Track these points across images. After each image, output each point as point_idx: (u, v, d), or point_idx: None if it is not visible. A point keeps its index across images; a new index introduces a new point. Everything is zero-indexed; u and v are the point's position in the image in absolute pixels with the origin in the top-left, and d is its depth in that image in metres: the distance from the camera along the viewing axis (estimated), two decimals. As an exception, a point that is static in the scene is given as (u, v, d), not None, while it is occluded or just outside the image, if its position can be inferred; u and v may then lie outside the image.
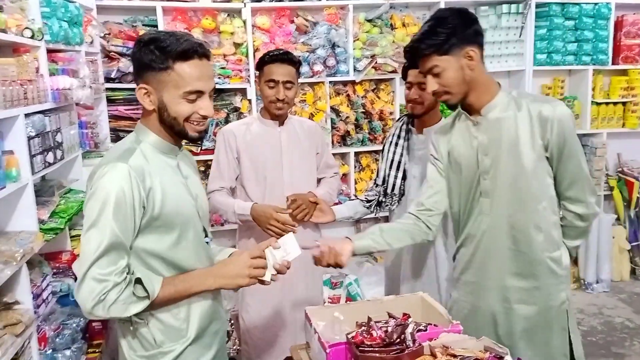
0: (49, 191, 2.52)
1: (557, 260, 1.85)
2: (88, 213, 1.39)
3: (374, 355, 1.36)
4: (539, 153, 1.76)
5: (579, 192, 1.81)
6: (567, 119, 1.75)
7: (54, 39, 2.47)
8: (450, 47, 1.71)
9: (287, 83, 2.34)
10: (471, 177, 1.86)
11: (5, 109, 1.95)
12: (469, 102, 1.81)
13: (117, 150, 1.49)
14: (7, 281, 1.94)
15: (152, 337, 1.49)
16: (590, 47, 4.36)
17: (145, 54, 1.42)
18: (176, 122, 1.47)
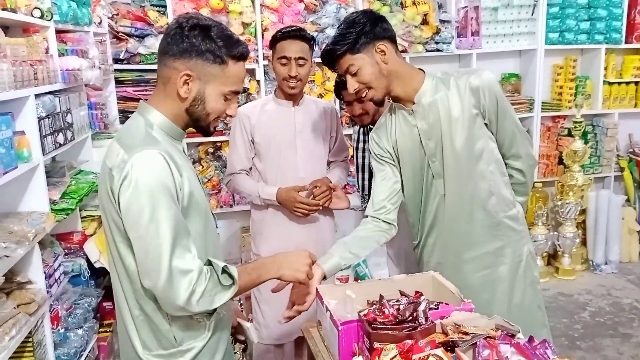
0: (59, 172, 2.53)
1: (514, 218, 1.94)
2: (136, 209, 1.26)
3: (386, 333, 1.36)
4: (476, 122, 1.84)
5: (519, 148, 1.90)
6: (494, 83, 1.84)
7: (62, 19, 2.46)
8: (362, 45, 1.75)
9: (300, 59, 2.31)
10: (420, 164, 1.92)
11: (16, 89, 1.96)
12: (396, 94, 1.86)
13: (136, 135, 1.36)
14: (20, 261, 1.97)
15: (173, 336, 1.39)
16: (603, 25, 4.29)
17: (205, 42, 1.33)
18: (207, 117, 1.41)
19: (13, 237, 1.96)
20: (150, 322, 1.39)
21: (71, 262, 2.52)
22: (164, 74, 1.38)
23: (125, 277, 1.38)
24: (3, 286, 1.93)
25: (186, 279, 1.27)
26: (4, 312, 1.87)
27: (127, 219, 1.28)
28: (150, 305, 1.37)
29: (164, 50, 1.37)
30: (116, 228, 1.34)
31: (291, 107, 2.45)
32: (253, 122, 2.43)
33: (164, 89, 1.39)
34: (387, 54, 1.77)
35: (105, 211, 1.36)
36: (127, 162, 1.27)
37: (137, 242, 1.28)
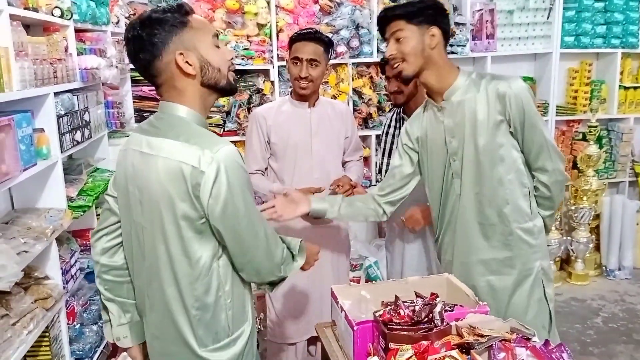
0: (76, 169, 2.56)
1: (528, 231, 1.91)
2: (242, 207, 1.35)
3: (402, 334, 1.37)
4: (500, 129, 1.84)
5: (545, 161, 1.87)
6: (523, 92, 1.82)
7: (82, 19, 2.49)
8: (420, 19, 1.81)
9: (312, 61, 2.33)
10: (442, 161, 1.96)
11: (36, 87, 1.98)
12: (429, 84, 1.90)
13: (193, 130, 1.39)
14: (38, 257, 1.99)
15: (228, 325, 1.45)
16: (619, 29, 4.25)
17: (161, 24, 1.36)
18: (221, 73, 1.43)
19: (32, 233, 1.99)
20: (209, 316, 1.42)
21: (87, 258, 2.55)
22: (167, 77, 1.39)
23: (187, 276, 1.39)
24: (21, 281, 1.95)
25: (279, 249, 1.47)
26: (22, 307, 1.90)
27: (227, 210, 1.33)
28: (212, 297, 1.41)
29: (148, 62, 1.38)
30: (188, 225, 1.35)
31: (307, 108, 2.46)
32: (269, 123, 2.45)
33: (173, 87, 1.41)
34: (435, 41, 1.82)
35: (173, 207, 1.35)
36: (214, 158, 1.30)
37: (240, 229, 1.37)
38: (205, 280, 1.39)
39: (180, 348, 1.44)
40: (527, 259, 1.93)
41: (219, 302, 1.42)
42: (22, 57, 1.90)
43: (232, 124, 3.71)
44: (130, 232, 1.49)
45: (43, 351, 2.07)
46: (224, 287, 1.43)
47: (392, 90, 2.47)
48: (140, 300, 1.55)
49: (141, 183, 1.40)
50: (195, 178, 1.31)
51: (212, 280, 1.40)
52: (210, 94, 1.45)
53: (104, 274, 1.58)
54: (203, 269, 1.39)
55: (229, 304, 1.44)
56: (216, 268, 1.41)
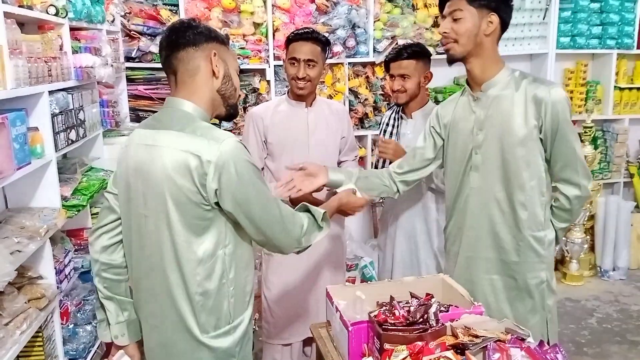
0: (71, 169, 2.55)
1: (540, 240, 1.90)
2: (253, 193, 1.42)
3: (397, 334, 1.37)
4: (531, 134, 1.82)
5: (571, 175, 1.86)
6: (561, 102, 1.79)
7: (77, 17, 2.48)
8: (482, 3, 1.79)
9: (309, 62, 2.33)
10: (465, 151, 1.95)
11: (31, 85, 1.97)
12: (472, 71, 1.88)
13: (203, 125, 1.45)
14: (32, 256, 1.98)
15: (230, 312, 1.50)
16: (615, 30, 4.27)
17: (209, 30, 1.52)
18: (235, 93, 1.57)
19: (25, 233, 1.98)
20: (211, 302, 1.46)
21: (81, 258, 2.54)
22: (192, 67, 1.48)
23: (190, 261, 1.43)
24: (15, 281, 1.93)
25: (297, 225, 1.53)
26: (15, 307, 1.88)
27: (238, 197, 1.39)
28: (214, 283, 1.45)
29: (183, 46, 1.47)
30: (192, 213, 1.41)
31: (304, 108, 2.46)
32: (266, 122, 2.45)
33: (192, 80, 1.49)
34: (491, 28, 1.81)
35: (179, 195, 1.39)
36: (220, 149, 1.37)
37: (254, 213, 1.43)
38: (208, 266, 1.44)
39: (182, 335, 1.48)
40: (533, 267, 1.91)
41: (222, 289, 1.47)
42: (17, 55, 1.88)
43: (228, 123, 3.70)
44: (131, 226, 1.53)
45: (36, 351, 2.06)
46: (227, 274, 1.47)
47: (395, 89, 2.48)
48: (138, 294, 1.58)
49: (145, 174, 1.45)
50: (202, 168, 1.37)
51: (215, 267, 1.45)
52: (219, 104, 1.55)
53: (103, 272, 1.60)
54: (206, 255, 1.43)
55: (231, 291, 1.49)
56: (221, 255, 1.45)
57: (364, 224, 4.36)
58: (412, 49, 2.49)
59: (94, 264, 1.62)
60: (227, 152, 1.37)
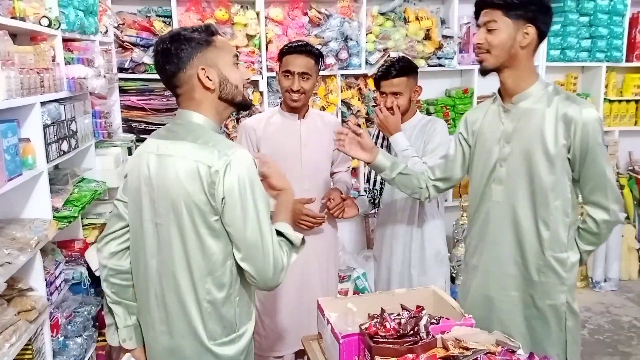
0: (62, 180, 2.54)
1: (561, 261, 1.84)
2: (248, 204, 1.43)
3: (387, 347, 1.37)
4: (560, 153, 1.76)
5: (601, 198, 1.79)
6: (592, 123, 1.73)
7: (70, 28, 2.48)
8: (518, 14, 1.74)
9: (304, 74, 2.34)
10: (488, 162, 1.90)
11: (23, 96, 1.97)
12: (505, 82, 1.83)
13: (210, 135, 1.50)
14: (22, 268, 1.96)
15: (235, 321, 1.54)
16: (604, 43, 4.32)
17: (190, 41, 1.49)
18: (238, 90, 1.56)
19: (15, 244, 1.96)
20: (219, 310, 1.51)
21: (72, 269, 2.52)
22: (187, 88, 1.52)
23: (201, 269, 1.48)
24: (4, 293, 1.92)
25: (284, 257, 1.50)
26: (4, 319, 1.87)
27: (239, 208, 1.42)
28: (223, 293, 1.50)
29: (172, 73, 1.51)
30: (203, 221, 1.45)
31: (297, 119, 2.47)
32: (259, 134, 2.46)
33: (193, 98, 1.53)
34: (527, 40, 1.75)
35: (190, 203, 1.44)
36: (230, 160, 1.41)
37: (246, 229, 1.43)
38: (218, 274, 1.49)
39: (190, 341, 1.52)
40: (554, 289, 1.85)
41: (230, 299, 1.52)
42: (9, 66, 1.88)
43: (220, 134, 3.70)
44: (141, 233, 1.57)
45: (26, 364, 2.05)
46: (235, 284, 1.52)
47: (388, 107, 2.47)
48: (143, 300, 1.62)
49: (157, 182, 1.50)
50: (211, 177, 1.41)
51: (224, 276, 1.50)
52: (226, 107, 1.58)
53: (110, 278, 1.67)
54: (217, 264, 1.48)
55: (237, 301, 1.54)
56: (230, 265, 1.50)
57: (357, 235, 4.37)
58: (399, 64, 2.48)
59: (102, 269, 1.68)
60: (234, 164, 1.42)
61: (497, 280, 1.92)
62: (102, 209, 2.84)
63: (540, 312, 1.88)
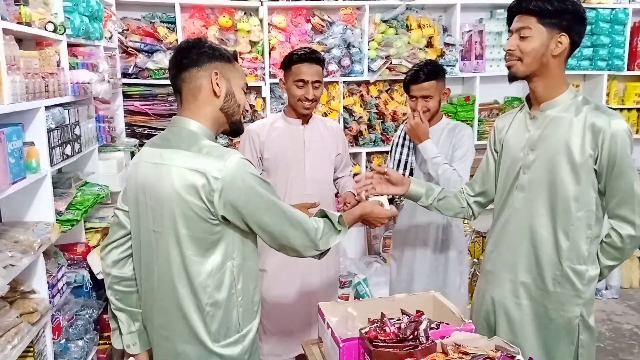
0: (65, 183, 2.55)
1: (579, 274, 1.79)
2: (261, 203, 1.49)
3: (387, 351, 1.38)
4: (586, 163, 1.72)
5: (627, 213, 1.74)
6: (621, 134, 1.68)
7: (75, 34, 2.51)
8: (552, 21, 1.70)
9: (316, 82, 2.38)
10: (512, 169, 1.88)
11: (28, 100, 1.99)
12: (535, 90, 1.80)
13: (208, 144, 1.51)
14: (25, 270, 1.98)
15: (239, 321, 1.56)
16: (605, 52, 4.34)
17: (215, 49, 1.57)
18: (238, 110, 1.61)
19: (19, 247, 1.98)
20: (221, 312, 1.53)
21: (74, 272, 2.53)
22: (194, 86, 1.55)
23: (200, 274, 1.50)
24: (7, 295, 1.94)
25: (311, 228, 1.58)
26: (7, 321, 1.88)
27: (246, 211, 1.47)
28: (224, 293, 1.52)
29: (186, 66, 1.54)
30: (200, 228, 1.47)
31: (300, 125, 2.49)
32: (262, 139, 2.47)
33: (195, 100, 1.56)
34: (560, 49, 1.72)
35: (187, 211, 1.46)
36: (225, 167, 1.44)
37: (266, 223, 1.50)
38: (218, 277, 1.50)
39: (193, 346, 1.54)
40: (569, 301, 1.81)
41: (231, 299, 1.54)
42: (14, 71, 1.91)
43: (223, 139, 3.72)
44: (141, 241, 1.59)
45: (27, 366, 2.05)
46: (236, 285, 1.54)
47: (419, 110, 2.51)
48: (147, 306, 1.64)
49: (154, 191, 1.51)
50: (209, 185, 1.43)
51: (224, 278, 1.51)
52: (223, 122, 1.61)
53: (114, 285, 1.69)
54: (215, 267, 1.50)
55: (240, 301, 1.55)
56: (229, 267, 1.52)
57: (357, 241, 4.37)
58: (428, 68, 2.52)
59: (106, 277, 1.71)
60: (232, 168, 1.44)
61: (510, 288, 1.89)
62: (104, 212, 2.86)
63: (552, 323, 1.84)
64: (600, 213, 1.79)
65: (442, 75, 2.55)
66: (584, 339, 1.84)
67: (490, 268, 1.97)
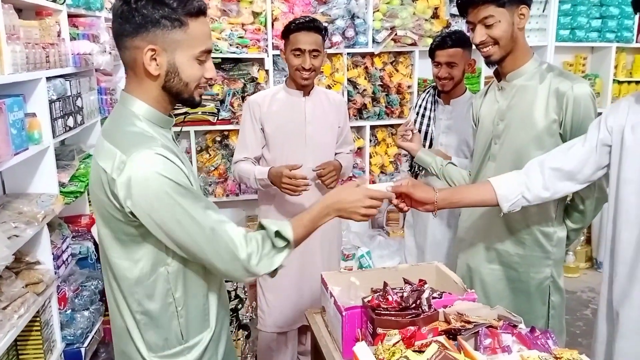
0: (68, 155, 2.55)
1: (548, 235, 1.87)
2: (170, 212, 1.21)
3: (389, 319, 1.38)
4: (550, 128, 1.77)
5: None
6: (584, 98, 1.73)
7: (75, 3, 2.47)
8: (510, 1, 1.73)
9: (314, 52, 2.33)
10: (485, 141, 1.93)
11: (28, 71, 1.97)
12: (504, 63, 1.83)
13: (128, 132, 1.28)
14: (29, 241, 1.98)
15: (181, 332, 1.36)
16: (615, 23, 4.27)
17: (156, 9, 1.22)
18: (187, 88, 1.31)
19: (23, 218, 1.98)
20: (157, 322, 1.34)
21: (79, 244, 2.55)
22: (128, 58, 1.28)
23: (126, 279, 1.32)
24: (12, 266, 1.95)
25: (241, 246, 1.27)
26: (13, 291, 1.89)
27: (153, 220, 1.22)
28: (156, 304, 1.33)
29: (118, 32, 1.26)
30: (120, 229, 1.28)
31: (302, 97, 2.46)
32: (263, 110, 2.45)
33: (134, 74, 1.30)
34: (524, 21, 1.76)
35: (103, 210, 1.29)
36: (125, 165, 1.19)
37: (177, 235, 1.24)
38: (147, 284, 1.31)
39: (132, 349, 1.38)
40: (539, 262, 1.89)
41: (168, 309, 1.34)
42: (14, 40, 1.88)
43: (226, 112, 3.71)
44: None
45: (34, 336, 2.08)
46: (173, 294, 1.34)
47: (442, 76, 2.51)
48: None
49: (90, 188, 1.36)
50: (110, 186, 1.22)
51: (156, 286, 1.32)
52: (170, 100, 1.34)
53: None
54: (142, 274, 1.31)
55: (180, 311, 1.35)
56: (163, 274, 1.32)
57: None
58: (456, 35, 2.53)
59: None
60: (133, 169, 1.19)
61: (482, 254, 1.97)
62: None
63: (524, 285, 1.92)
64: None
65: (468, 45, 2.52)
66: (555, 300, 1.93)
67: (464, 236, 2.04)
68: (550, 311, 1.94)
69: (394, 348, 1.26)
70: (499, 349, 1.31)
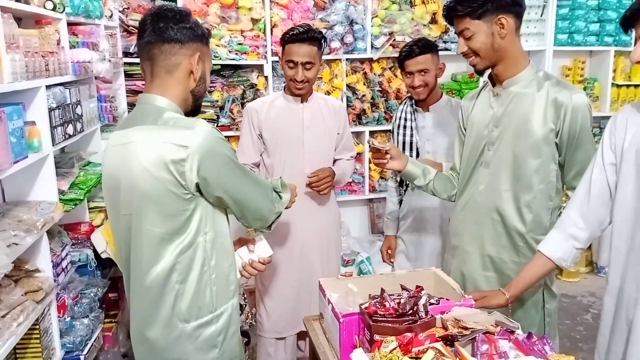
0: (68, 163, 2.56)
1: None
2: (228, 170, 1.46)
3: (386, 325, 1.38)
4: (547, 137, 1.77)
5: None
6: (582, 108, 1.75)
7: (74, 12, 2.49)
8: (484, 12, 1.73)
9: (307, 64, 2.33)
10: (478, 146, 1.92)
11: (28, 79, 1.98)
12: (496, 71, 1.84)
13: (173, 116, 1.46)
14: (29, 249, 1.98)
15: (212, 301, 1.50)
16: (612, 27, 4.28)
17: (198, 27, 1.50)
18: (205, 94, 1.59)
19: (22, 226, 1.99)
20: (193, 291, 1.47)
21: (78, 252, 2.54)
22: (171, 62, 1.47)
23: (171, 252, 1.44)
24: (11, 273, 1.95)
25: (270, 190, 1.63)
26: (12, 299, 1.90)
27: (220, 176, 1.44)
28: (196, 271, 1.46)
29: (168, 39, 1.45)
30: (171, 202, 1.41)
31: (299, 103, 2.47)
32: (262, 117, 2.46)
33: (169, 76, 1.48)
34: (505, 29, 1.74)
35: (151, 191, 1.41)
36: (195, 135, 1.38)
37: (237, 189, 1.49)
38: (189, 253, 1.45)
39: (163, 326, 1.47)
40: None
41: (204, 277, 1.48)
42: (14, 49, 1.89)
43: (226, 119, 3.72)
44: (119, 227, 1.53)
45: (33, 343, 2.08)
46: (209, 262, 1.49)
47: (417, 85, 2.50)
48: (128, 295, 1.59)
49: (123, 173, 1.45)
50: (179, 154, 1.37)
51: (196, 255, 1.46)
52: (190, 103, 1.56)
53: None
54: (185, 243, 1.44)
55: (213, 279, 1.50)
56: (202, 243, 1.47)
57: (361, 219, 4.38)
58: (422, 42, 2.54)
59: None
60: (201, 137, 1.39)
61: (476, 261, 1.96)
62: (108, 192, 2.87)
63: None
64: (560, 185, 1.88)
65: (435, 50, 2.55)
66: (549, 307, 1.95)
67: (457, 243, 2.03)
68: (545, 318, 1.94)
69: (391, 355, 1.27)
70: (496, 355, 1.31)
